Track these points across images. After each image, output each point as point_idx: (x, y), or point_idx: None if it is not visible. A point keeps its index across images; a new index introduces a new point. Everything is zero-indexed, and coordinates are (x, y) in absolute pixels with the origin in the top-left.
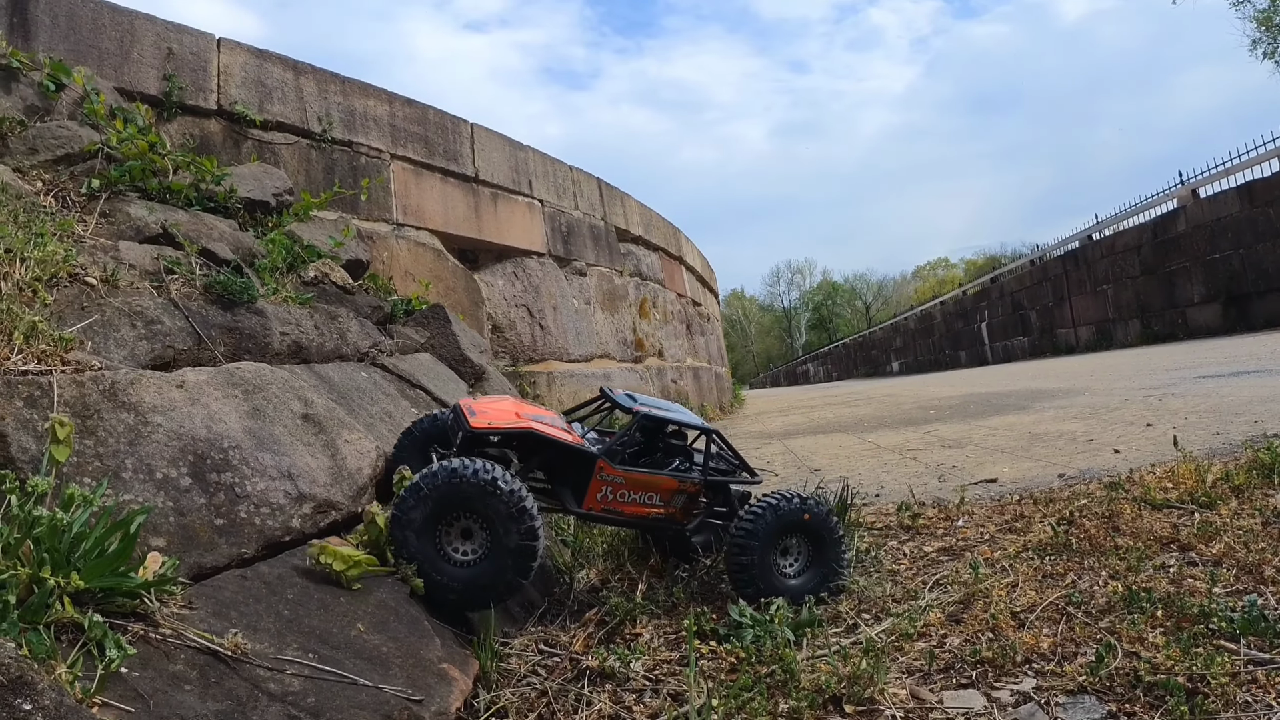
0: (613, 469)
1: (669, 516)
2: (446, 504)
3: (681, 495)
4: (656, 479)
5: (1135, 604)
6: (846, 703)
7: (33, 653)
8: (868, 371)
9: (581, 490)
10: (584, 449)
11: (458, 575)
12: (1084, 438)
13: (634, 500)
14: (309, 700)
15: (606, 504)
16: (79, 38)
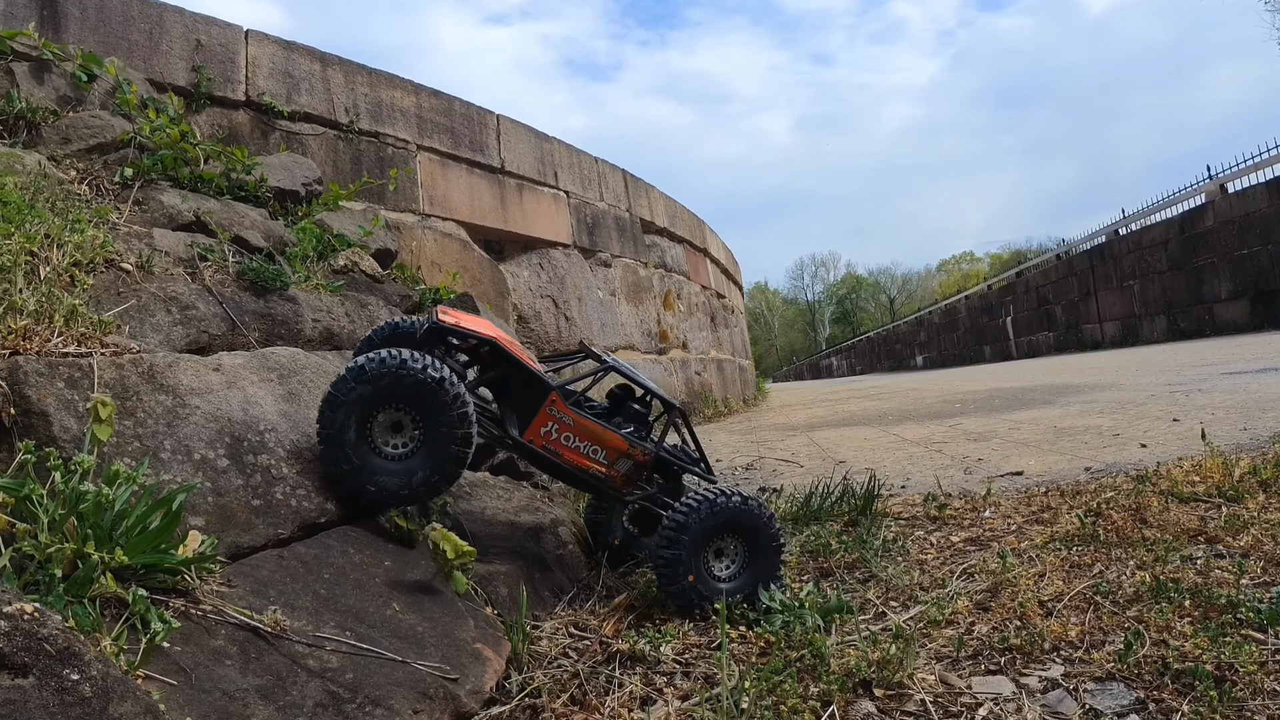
0: (565, 406)
1: (609, 479)
2: (387, 393)
3: (628, 460)
4: (606, 434)
5: (1163, 594)
6: (876, 687)
7: (79, 625)
8: (891, 366)
9: (528, 420)
10: (540, 375)
11: (384, 468)
12: (1110, 432)
13: (577, 448)
14: (347, 676)
15: (548, 441)
16: (108, 30)
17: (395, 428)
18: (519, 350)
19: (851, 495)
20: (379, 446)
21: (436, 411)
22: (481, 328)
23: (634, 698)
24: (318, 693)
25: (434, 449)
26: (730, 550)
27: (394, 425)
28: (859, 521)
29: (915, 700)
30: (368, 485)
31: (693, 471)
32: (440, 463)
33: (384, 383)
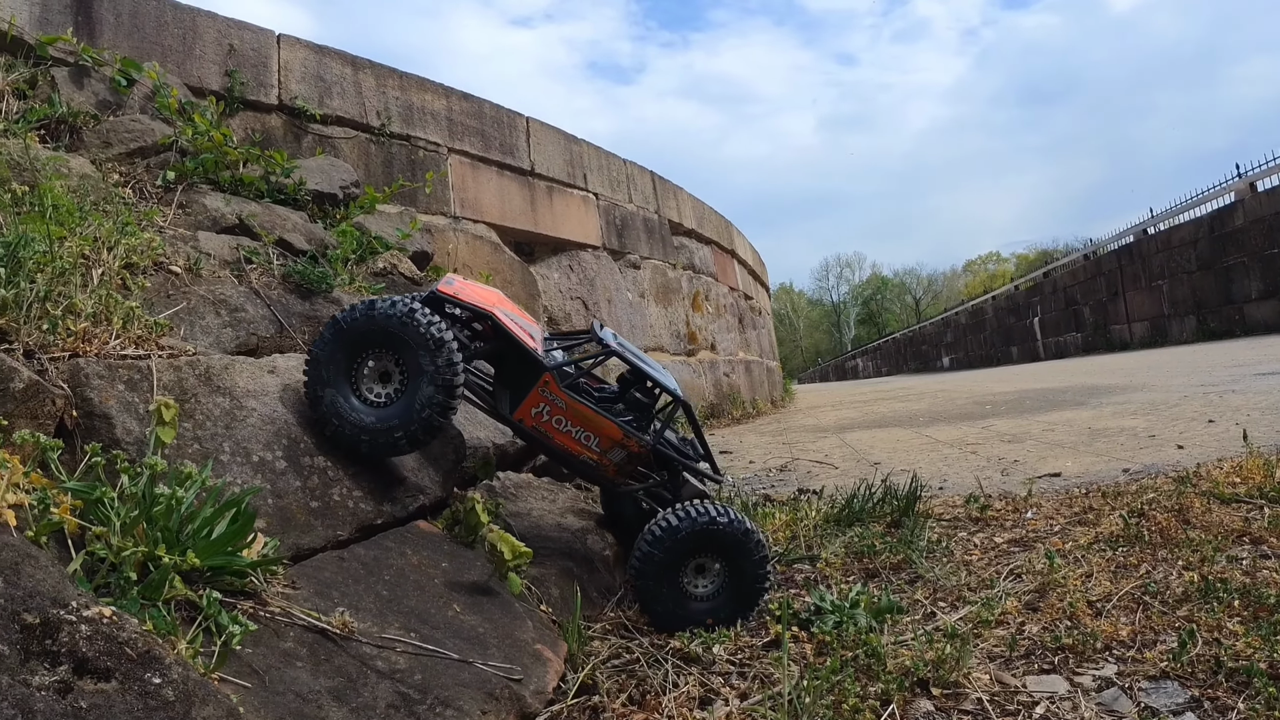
0: (558, 388)
1: (600, 466)
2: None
3: (621, 450)
4: (600, 420)
5: (1211, 594)
6: (933, 686)
7: (155, 628)
8: (918, 367)
9: (520, 398)
10: (535, 354)
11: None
12: (1145, 433)
13: (568, 432)
14: (416, 678)
15: (539, 422)
16: (142, 35)
17: (383, 377)
18: (517, 327)
19: (893, 496)
20: (364, 394)
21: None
22: (481, 299)
23: (692, 698)
24: (389, 694)
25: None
26: (711, 568)
27: (382, 374)
28: (902, 523)
29: (972, 699)
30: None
31: (693, 469)
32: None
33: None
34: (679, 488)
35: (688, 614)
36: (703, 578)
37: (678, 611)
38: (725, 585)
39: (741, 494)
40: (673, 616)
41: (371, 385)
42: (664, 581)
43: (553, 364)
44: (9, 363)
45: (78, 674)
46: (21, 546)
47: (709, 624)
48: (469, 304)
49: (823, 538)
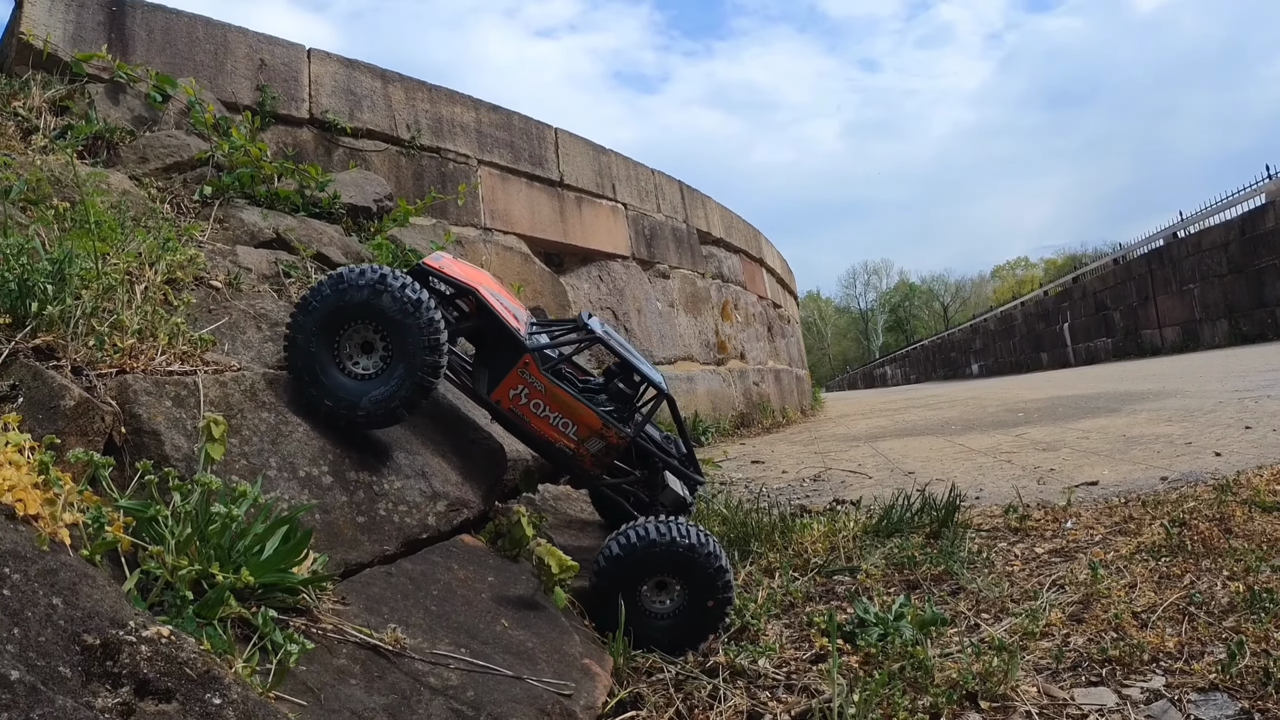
0: (538, 370)
1: (576, 455)
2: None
3: (599, 440)
4: (579, 407)
5: (1258, 604)
6: (981, 699)
7: (213, 647)
8: (946, 374)
9: (498, 379)
10: (517, 334)
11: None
12: (1181, 440)
13: (546, 417)
14: (469, 694)
15: (516, 405)
16: (175, 51)
17: (365, 348)
18: (501, 305)
19: (932, 507)
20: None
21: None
22: (466, 275)
23: (739, 711)
24: (442, 711)
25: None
26: (672, 588)
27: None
28: (941, 533)
29: (1021, 712)
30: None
31: (674, 467)
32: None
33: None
34: (658, 488)
35: (644, 632)
36: (662, 594)
37: (633, 629)
38: (684, 606)
39: (778, 505)
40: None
41: (356, 358)
42: (620, 596)
43: (534, 345)
44: (59, 380)
45: (139, 695)
46: (79, 566)
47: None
48: (452, 278)
49: (862, 549)
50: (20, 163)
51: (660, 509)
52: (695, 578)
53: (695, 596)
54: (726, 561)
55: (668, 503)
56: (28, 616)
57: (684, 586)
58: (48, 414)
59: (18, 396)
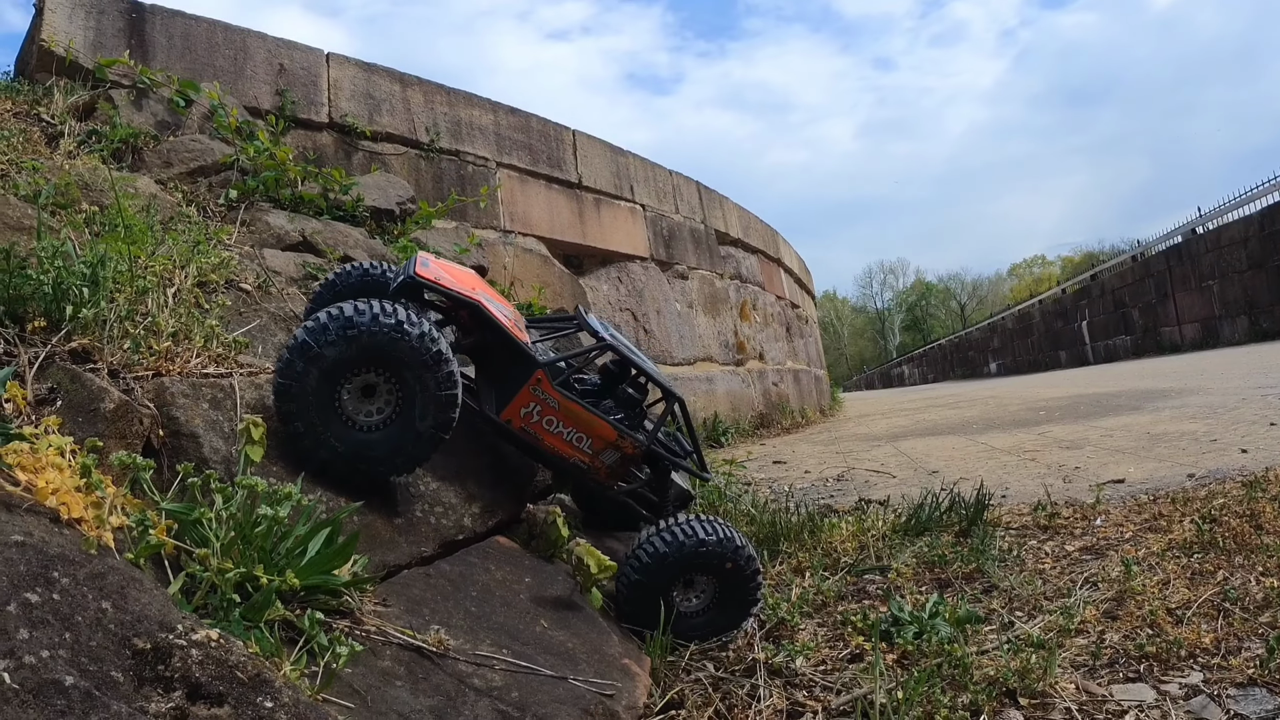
0: (551, 387)
1: (591, 469)
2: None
3: (615, 452)
4: (595, 421)
5: None
6: (1021, 695)
7: (261, 650)
8: (964, 373)
9: (508, 397)
10: (526, 348)
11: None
12: (1207, 437)
13: (559, 433)
14: (513, 695)
15: (528, 424)
16: (194, 56)
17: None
18: (504, 318)
19: (961, 505)
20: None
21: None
22: (464, 285)
23: (778, 710)
24: (488, 712)
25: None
26: (701, 583)
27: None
28: (970, 532)
29: (1060, 708)
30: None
31: (684, 468)
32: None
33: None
34: (666, 488)
35: (677, 631)
36: (691, 592)
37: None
38: (715, 602)
39: (804, 505)
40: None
41: (360, 406)
42: (654, 604)
43: (545, 360)
44: (98, 383)
45: (191, 700)
46: (126, 570)
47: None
48: (451, 291)
49: (891, 548)
50: (48, 167)
51: (669, 508)
52: (727, 574)
53: (726, 592)
54: (753, 550)
55: (674, 499)
56: (78, 621)
57: (715, 583)
58: (87, 417)
59: (56, 400)
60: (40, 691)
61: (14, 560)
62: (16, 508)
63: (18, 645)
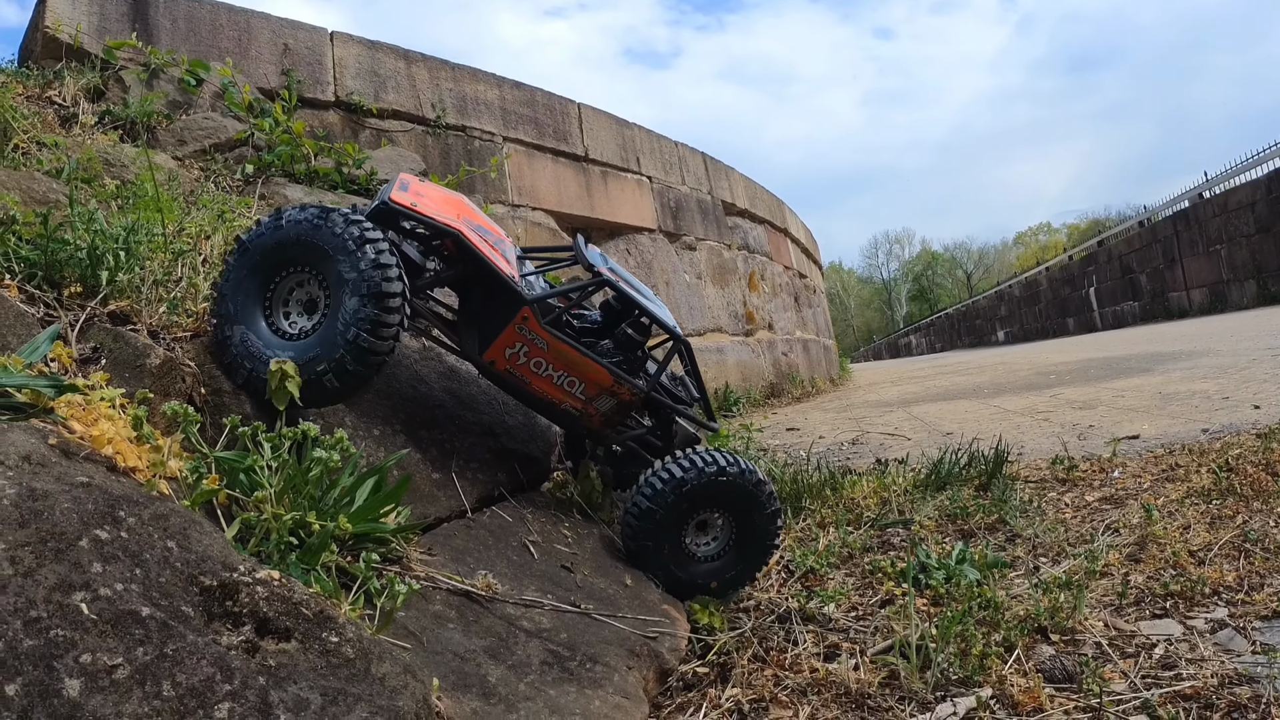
0: (539, 325)
1: (585, 416)
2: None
3: (610, 399)
4: (588, 364)
5: None
6: (1052, 632)
7: (322, 591)
8: (972, 342)
9: (492, 335)
10: (512, 283)
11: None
12: (1219, 395)
13: (549, 377)
14: (561, 636)
15: (513, 365)
16: (199, 38)
17: (310, 307)
18: (489, 247)
19: (981, 460)
20: (280, 327)
21: (335, 265)
22: (445, 213)
23: (815, 653)
24: (539, 652)
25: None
26: (716, 524)
27: (307, 304)
28: (990, 486)
29: (1091, 643)
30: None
31: (687, 415)
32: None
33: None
34: (671, 436)
35: (690, 577)
36: (705, 535)
37: (678, 575)
38: (732, 543)
39: (823, 466)
40: (672, 581)
41: (292, 316)
42: (664, 541)
43: (533, 296)
44: (143, 340)
45: (259, 634)
46: (186, 513)
47: (713, 587)
48: (429, 218)
49: (913, 503)
50: (69, 144)
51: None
52: (744, 509)
53: (744, 534)
54: (773, 487)
55: (680, 444)
56: (147, 558)
57: (731, 524)
58: (133, 373)
59: (100, 358)
60: (118, 622)
61: (82, 499)
62: (75, 455)
63: (93, 578)
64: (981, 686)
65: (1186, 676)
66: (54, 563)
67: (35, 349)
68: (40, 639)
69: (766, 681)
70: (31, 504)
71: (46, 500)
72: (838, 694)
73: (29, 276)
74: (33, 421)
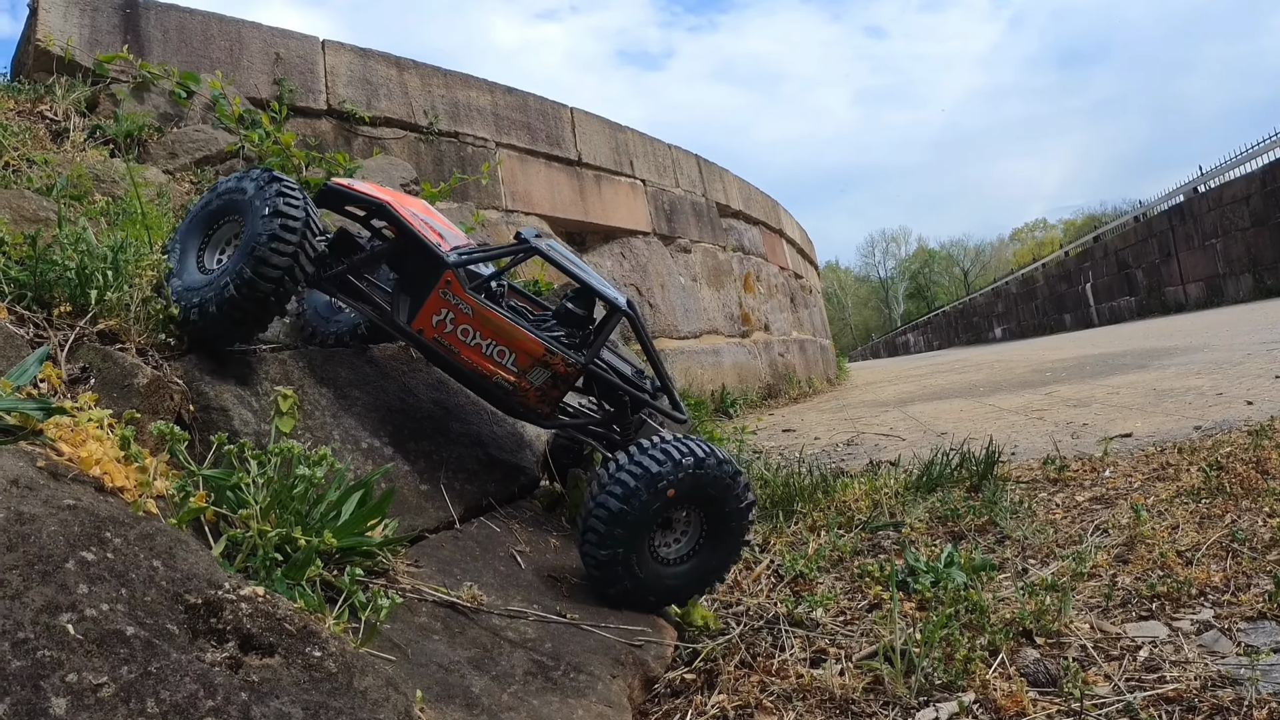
0: (463, 290)
1: (519, 390)
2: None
3: (544, 370)
4: (516, 332)
5: None
6: (1037, 635)
7: (305, 606)
8: (970, 339)
9: (419, 304)
10: (436, 249)
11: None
12: (1212, 391)
13: (477, 345)
14: (546, 646)
15: (440, 333)
16: (190, 49)
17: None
18: (416, 220)
19: (971, 461)
20: (204, 263)
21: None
22: (377, 191)
23: (801, 659)
24: (524, 661)
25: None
26: (683, 522)
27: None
28: (981, 487)
29: (1076, 646)
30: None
31: (642, 399)
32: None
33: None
34: (630, 428)
35: (661, 586)
36: (670, 534)
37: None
38: (702, 543)
39: (816, 468)
40: (642, 591)
41: (218, 255)
42: (634, 548)
43: (454, 260)
44: (130, 360)
45: (243, 650)
46: (172, 532)
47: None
48: (360, 194)
49: (904, 505)
50: (59, 161)
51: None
52: (718, 504)
53: (715, 529)
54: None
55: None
56: (132, 578)
57: (701, 518)
58: (121, 393)
59: (89, 378)
60: (103, 641)
61: (69, 521)
62: (63, 476)
63: (79, 599)
64: (965, 691)
65: (1170, 679)
66: (41, 585)
67: (24, 371)
68: (28, 659)
69: (752, 688)
70: (19, 528)
71: (34, 524)
72: (822, 700)
73: (18, 298)
74: (21, 444)
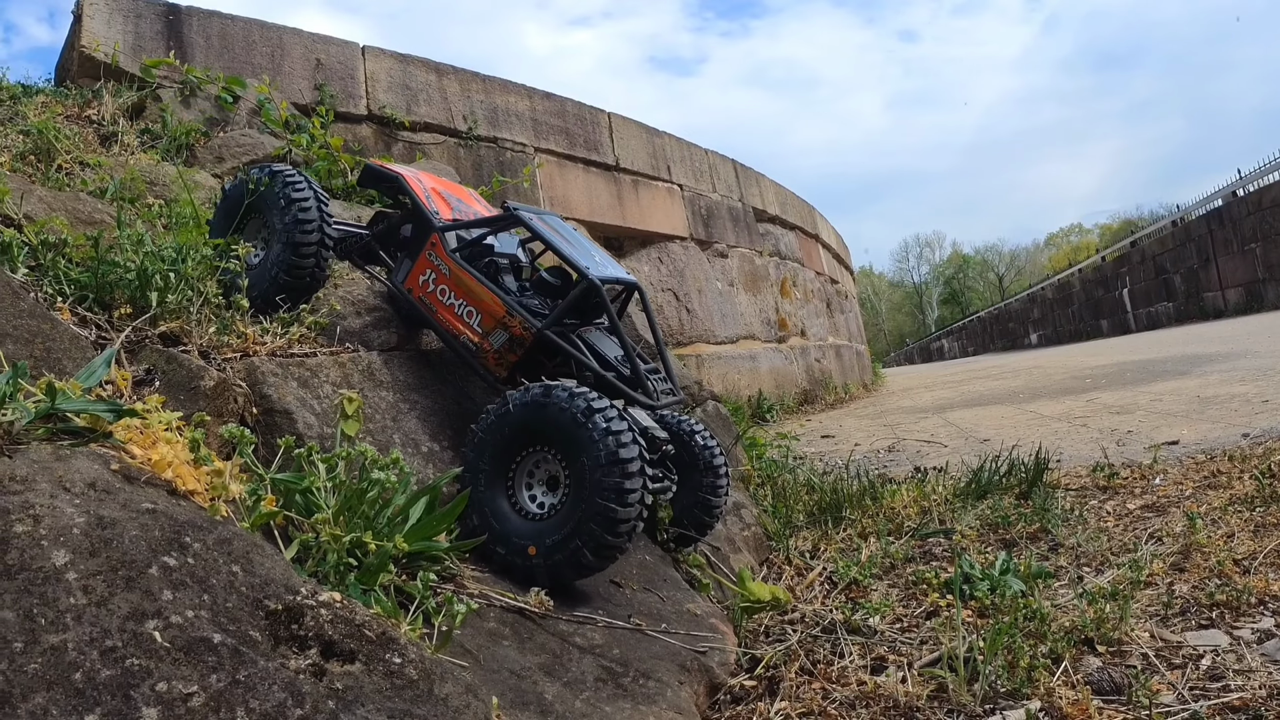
0: (444, 252)
1: (480, 352)
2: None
3: (503, 333)
4: (483, 291)
5: None
6: (1098, 643)
7: (382, 611)
8: (1005, 345)
9: (411, 265)
10: (425, 211)
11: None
12: (1258, 399)
13: (451, 305)
14: (614, 652)
15: (424, 292)
16: (232, 55)
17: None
18: (421, 187)
19: (1021, 468)
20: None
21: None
22: (396, 168)
23: (862, 665)
24: (593, 668)
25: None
26: (543, 471)
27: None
28: (1031, 494)
29: (1137, 654)
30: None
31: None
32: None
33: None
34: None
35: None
36: (533, 485)
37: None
38: (565, 499)
39: (862, 475)
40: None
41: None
42: (490, 484)
43: (442, 223)
44: (196, 362)
45: (325, 657)
46: (248, 536)
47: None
48: (382, 169)
49: (953, 512)
50: (111, 164)
51: None
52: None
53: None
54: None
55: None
56: (213, 583)
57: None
58: (187, 395)
59: (154, 380)
60: (190, 649)
61: (149, 526)
62: (136, 479)
63: (164, 606)
64: (1030, 699)
65: (1235, 688)
66: (126, 591)
67: (92, 373)
68: (117, 668)
69: (814, 695)
70: (100, 532)
71: (115, 528)
72: (886, 707)
73: (80, 299)
74: (93, 446)
